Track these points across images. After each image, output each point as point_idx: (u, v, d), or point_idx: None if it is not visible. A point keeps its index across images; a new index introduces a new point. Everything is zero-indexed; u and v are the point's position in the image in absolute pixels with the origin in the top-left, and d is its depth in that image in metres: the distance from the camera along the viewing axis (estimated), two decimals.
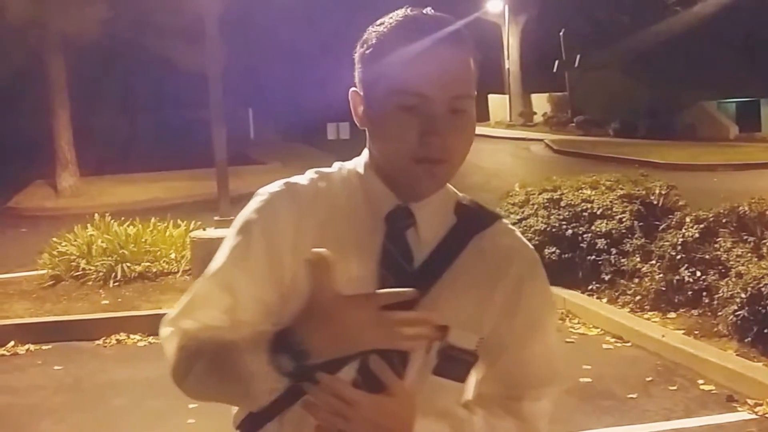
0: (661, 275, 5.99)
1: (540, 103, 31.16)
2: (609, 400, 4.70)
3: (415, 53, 1.14)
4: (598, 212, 6.80)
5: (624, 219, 6.67)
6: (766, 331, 4.95)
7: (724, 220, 6.11)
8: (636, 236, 6.52)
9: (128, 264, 7.15)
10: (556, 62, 30.33)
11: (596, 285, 6.54)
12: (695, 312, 5.69)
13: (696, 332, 5.44)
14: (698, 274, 5.78)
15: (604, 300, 6.38)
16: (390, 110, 1.15)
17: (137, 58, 16.93)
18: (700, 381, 4.89)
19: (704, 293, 5.69)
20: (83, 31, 13.06)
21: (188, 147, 15.08)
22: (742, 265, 5.41)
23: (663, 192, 6.95)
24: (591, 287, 6.56)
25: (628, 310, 6.08)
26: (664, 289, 5.93)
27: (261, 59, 21.77)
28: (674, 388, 4.84)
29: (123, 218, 8.00)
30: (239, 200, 2.03)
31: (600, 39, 25.91)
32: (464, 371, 1.23)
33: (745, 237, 5.93)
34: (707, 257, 5.82)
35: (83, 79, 15.62)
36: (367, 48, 1.19)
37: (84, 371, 5.45)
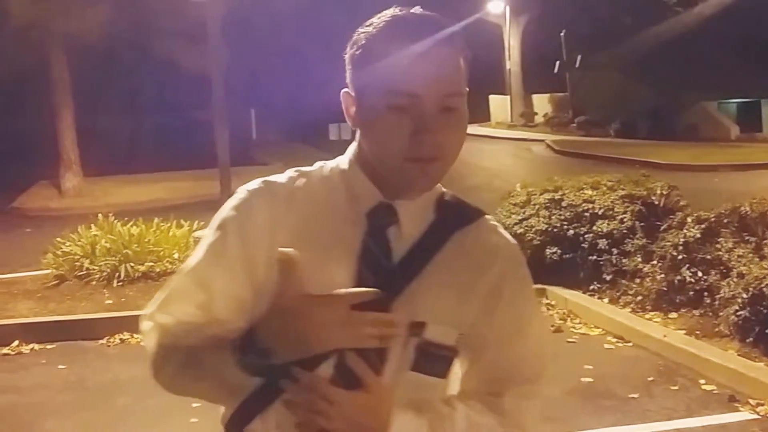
0: (663, 275, 6.00)
1: (541, 104, 31.15)
2: (610, 400, 4.71)
3: (404, 53, 1.14)
4: (600, 212, 6.80)
5: (625, 219, 6.67)
6: None
7: (726, 221, 6.11)
8: (637, 236, 6.53)
9: (132, 264, 7.16)
10: (557, 63, 30.35)
11: (598, 285, 6.55)
12: (697, 312, 5.69)
13: (697, 332, 5.44)
14: (700, 275, 5.78)
15: (606, 300, 6.38)
16: (381, 110, 1.16)
17: (141, 60, 16.96)
18: (702, 381, 4.89)
19: (706, 293, 5.70)
20: (87, 33, 13.09)
21: (191, 147, 15.10)
22: (744, 266, 5.42)
23: (664, 192, 6.95)
24: (592, 287, 6.57)
25: (630, 310, 6.08)
26: (666, 290, 5.94)
27: (263, 60, 21.80)
28: (676, 388, 4.84)
29: (126, 218, 8.00)
30: None
31: (601, 39, 25.90)
32: (443, 367, 1.22)
33: (747, 237, 5.94)
34: (709, 257, 5.83)
35: (87, 80, 15.65)
36: (357, 49, 1.20)
37: (88, 370, 5.47)
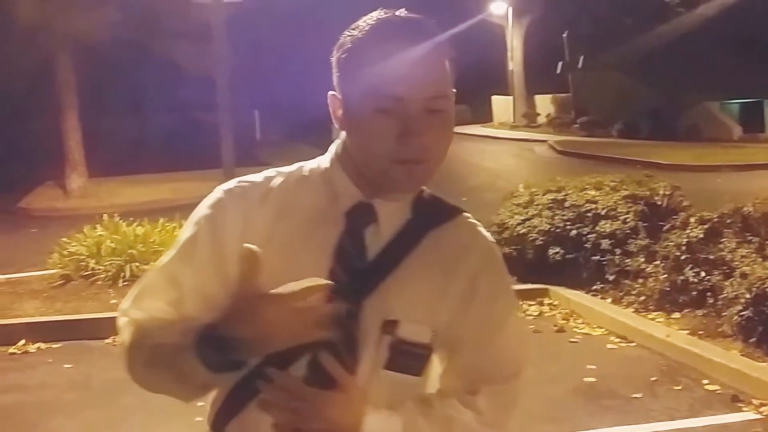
0: (666, 275, 6.01)
1: (543, 104, 31.11)
2: (613, 400, 4.72)
3: (389, 56, 1.14)
4: (603, 213, 6.81)
5: (628, 219, 6.68)
6: None
7: (729, 221, 6.11)
8: (640, 237, 6.53)
9: (137, 264, 7.18)
10: (560, 63, 30.31)
11: (600, 285, 6.56)
12: (700, 312, 5.70)
13: (700, 332, 5.45)
14: (702, 275, 5.78)
15: (609, 300, 6.39)
16: (367, 113, 1.17)
17: (146, 60, 16.95)
18: (705, 381, 4.90)
19: (709, 293, 5.70)
20: (92, 33, 13.10)
21: (196, 148, 15.08)
22: (747, 266, 5.42)
23: (667, 192, 6.95)
24: (595, 287, 6.57)
25: (633, 311, 6.09)
26: (669, 290, 5.94)
27: (267, 61, 21.82)
28: (679, 388, 4.85)
29: (132, 218, 8.02)
30: None
31: (603, 40, 25.89)
32: (418, 365, 1.22)
33: (750, 237, 5.94)
34: (711, 257, 5.84)
35: (92, 81, 15.65)
36: (343, 52, 1.20)
37: (94, 369, 5.50)
